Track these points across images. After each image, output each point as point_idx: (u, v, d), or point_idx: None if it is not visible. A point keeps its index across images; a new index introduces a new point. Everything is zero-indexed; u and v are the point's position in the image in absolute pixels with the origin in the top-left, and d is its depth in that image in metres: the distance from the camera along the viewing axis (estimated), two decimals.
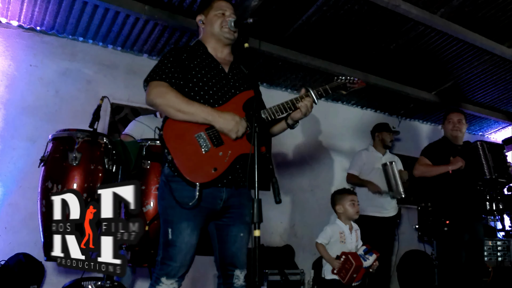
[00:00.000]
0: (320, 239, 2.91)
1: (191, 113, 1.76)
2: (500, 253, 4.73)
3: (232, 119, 1.77)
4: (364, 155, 4.37)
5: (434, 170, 3.39)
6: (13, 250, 3.26)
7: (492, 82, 5.04)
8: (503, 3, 3.62)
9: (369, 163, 4.30)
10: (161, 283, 1.76)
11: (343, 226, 2.98)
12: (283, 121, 2.02)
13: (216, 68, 1.96)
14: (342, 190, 3.18)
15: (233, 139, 1.78)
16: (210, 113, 1.78)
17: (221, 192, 1.83)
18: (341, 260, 2.80)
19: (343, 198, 3.04)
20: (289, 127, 2.03)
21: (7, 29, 3.67)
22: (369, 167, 4.28)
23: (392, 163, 4.08)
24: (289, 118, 1.98)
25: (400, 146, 5.81)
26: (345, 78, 2.08)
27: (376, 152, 4.39)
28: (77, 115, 3.67)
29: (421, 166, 3.48)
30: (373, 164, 4.28)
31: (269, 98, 2.19)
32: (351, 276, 2.76)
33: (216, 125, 1.77)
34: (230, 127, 1.76)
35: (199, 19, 2.07)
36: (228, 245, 1.89)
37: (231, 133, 1.76)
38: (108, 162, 2.51)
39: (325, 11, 3.63)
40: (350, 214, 2.99)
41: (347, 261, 2.78)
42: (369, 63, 4.59)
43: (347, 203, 3.00)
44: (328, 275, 2.87)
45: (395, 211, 4.20)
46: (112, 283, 2.46)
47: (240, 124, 1.77)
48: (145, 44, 4.01)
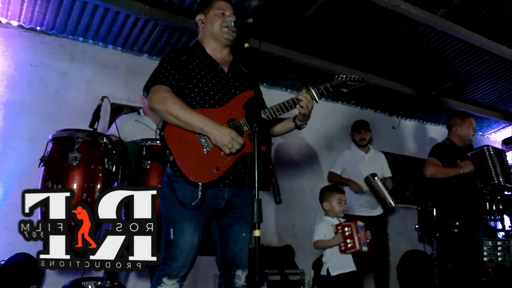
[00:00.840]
0: (317, 237, 2.95)
1: (188, 122, 1.75)
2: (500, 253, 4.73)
3: (229, 134, 1.75)
4: (347, 154, 4.35)
5: (446, 171, 3.42)
6: (13, 250, 3.25)
7: (492, 82, 5.04)
8: (503, 3, 3.62)
9: (352, 162, 4.27)
10: (162, 283, 1.76)
11: (332, 220, 3.03)
12: (290, 121, 2.02)
13: (215, 69, 1.95)
14: (331, 187, 3.21)
15: (227, 154, 1.77)
16: (207, 124, 1.76)
17: (223, 192, 1.83)
18: (338, 232, 2.83)
19: (331, 195, 3.08)
20: (296, 127, 2.02)
21: (7, 29, 3.67)
22: (352, 166, 4.25)
23: (375, 177, 4.01)
24: (297, 118, 1.98)
25: (400, 146, 5.81)
26: (346, 76, 2.08)
27: (359, 150, 4.36)
28: (77, 115, 3.67)
29: (433, 166, 3.48)
30: (356, 163, 4.25)
31: (269, 98, 2.19)
32: (358, 237, 2.77)
33: (211, 137, 1.76)
34: (225, 142, 1.74)
35: (199, 18, 2.07)
36: (230, 245, 1.89)
37: (224, 148, 1.75)
38: (108, 162, 2.51)
39: (325, 11, 3.63)
40: (336, 212, 3.03)
41: (343, 228, 2.82)
42: (369, 63, 4.59)
43: (335, 201, 3.04)
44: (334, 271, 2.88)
45: (379, 211, 4.18)
46: (112, 283, 2.46)
47: (236, 140, 1.75)
48: (145, 44, 4.01)
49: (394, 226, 5.26)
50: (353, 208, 4.02)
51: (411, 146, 5.84)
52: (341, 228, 2.84)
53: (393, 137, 5.78)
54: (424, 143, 5.99)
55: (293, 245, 4.50)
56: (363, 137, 4.36)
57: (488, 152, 3.42)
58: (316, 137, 5.12)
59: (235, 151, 1.76)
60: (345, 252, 2.83)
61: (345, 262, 2.89)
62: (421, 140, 6.01)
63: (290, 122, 2.02)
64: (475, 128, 3.61)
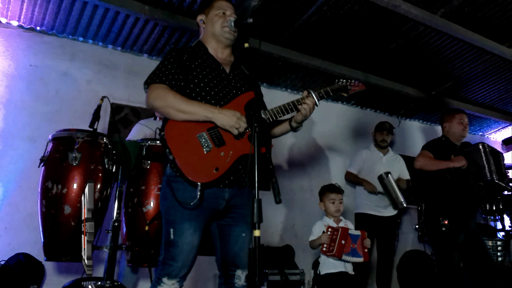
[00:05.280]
0: (311, 237, 3.01)
1: (192, 112, 1.76)
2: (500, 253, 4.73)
3: (233, 115, 1.77)
4: (364, 154, 4.41)
5: (436, 164, 3.36)
6: (13, 250, 3.26)
7: (492, 82, 5.04)
8: (503, 3, 3.62)
9: (369, 162, 4.32)
10: (162, 283, 1.76)
11: (328, 220, 3.06)
12: (286, 123, 2.02)
13: (217, 69, 1.96)
14: (326, 187, 3.21)
15: (235, 134, 1.78)
16: (210, 110, 1.78)
17: (224, 192, 1.83)
18: (328, 233, 2.84)
19: (324, 195, 3.12)
20: (292, 129, 2.03)
21: (7, 29, 3.67)
22: (369, 166, 4.31)
23: (388, 175, 4.05)
24: (293, 120, 1.99)
25: (400, 146, 5.80)
26: (346, 80, 2.09)
27: (377, 151, 4.42)
28: (77, 115, 3.68)
29: (424, 158, 3.43)
30: (373, 163, 4.30)
31: (269, 98, 2.19)
32: (339, 243, 2.77)
33: (217, 121, 1.77)
34: (232, 123, 1.76)
35: (200, 18, 2.08)
36: (230, 245, 1.89)
37: (232, 128, 1.76)
38: (108, 162, 2.52)
39: (325, 11, 3.63)
40: (330, 211, 3.07)
41: (334, 231, 2.83)
42: (369, 63, 4.59)
43: (327, 200, 3.08)
44: (323, 270, 2.93)
45: (393, 212, 4.21)
46: (112, 283, 2.46)
47: (241, 120, 1.77)
48: (145, 44, 4.01)
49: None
50: (364, 207, 4.05)
51: (411, 146, 5.83)
52: (331, 231, 2.84)
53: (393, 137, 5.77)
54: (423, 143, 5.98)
55: (293, 245, 4.50)
56: (384, 138, 4.42)
57: (483, 149, 3.40)
58: (316, 137, 5.12)
59: (243, 130, 1.78)
60: (325, 254, 2.84)
61: (336, 263, 2.89)
62: (421, 140, 6.00)
63: (286, 124, 2.03)
64: (466, 124, 3.53)
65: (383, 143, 4.42)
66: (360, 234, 2.92)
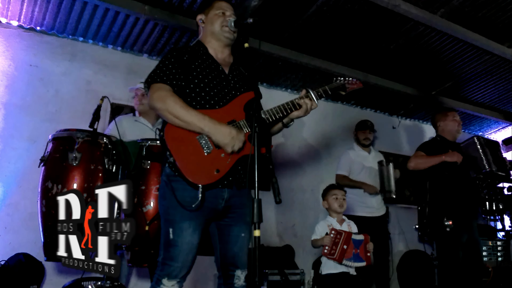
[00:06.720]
0: (313, 236, 3.00)
1: (188, 122, 1.75)
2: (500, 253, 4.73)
3: (229, 133, 1.74)
4: (351, 155, 4.32)
5: (429, 160, 3.34)
6: (13, 250, 3.26)
7: (492, 82, 5.04)
8: (503, 3, 3.62)
9: (357, 162, 4.25)
10: (162, 284, 1.75)
11: (331, 219, 3.06)
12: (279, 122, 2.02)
13: (216, 70, 1.95)
14: (328, 186, 3.23)
15: (229, 153, 1.76)
16: (207, 124, 1.75)
17: (223, 192, 1.83)
18: (331, 235, 2.82)
19: (327, 193, 3.14)
20: (284, 126, 2.03)
21: (7, 29, 3.67)
22: (358, 166, 4.23)
23: (389, 164, 4.07)
24: (287, 117, 1.98)
25: (400, 146, 5.81)
26: (343, 79, 2.10)
27: (362, 151, 4.35)
28: (77, 115, 3.67)
29: (415, 158, 3.43)
30: (362, 163, 4.24)
31: (269, 98, 2.19)
32: (341, 248, 2.76)
33: (212, 137, 1.75)
34: (226, 141, 1.74)
35: (200, 18, 2.08)
36: (229, 245, 1.88)
37: (226, 147, 1.75)
38: (108, 162, 2.51)
39: (325, 11, 3.63)
40: (333, 208, 3.06)
41: (337, 234, 2.80)
42: (369, 63, 4.59)
43: (330, 197, 3.08)
44: (325, 270, 2.92)
45: (383, 210, 4.19)
46: (112, 283, 2.46)
47: (237, 139, 1.75)
48: (145, 44, 4.01)
49: (394, 226, 5.26)
50: (356, 209, 3.99)
51: (411, 146, 5.82)
52: (334, 233, 2.82)
53: (393, 137, 5.78)
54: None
55: (293, 245, 4.50)
56: (367, 136, 4.36)
57: (479, 142, 3.40)
58: (316, 137, 5.12)
59: (238, 149, 1.76)
60: (326, 256, 2.82)
61: (338, 264, 2.87)
62: (421, 140, 5.96)
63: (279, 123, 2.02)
64: (459, 121, 3.53)
65: (366, 141, 4.34)
66: (364, 238, 2.90)
